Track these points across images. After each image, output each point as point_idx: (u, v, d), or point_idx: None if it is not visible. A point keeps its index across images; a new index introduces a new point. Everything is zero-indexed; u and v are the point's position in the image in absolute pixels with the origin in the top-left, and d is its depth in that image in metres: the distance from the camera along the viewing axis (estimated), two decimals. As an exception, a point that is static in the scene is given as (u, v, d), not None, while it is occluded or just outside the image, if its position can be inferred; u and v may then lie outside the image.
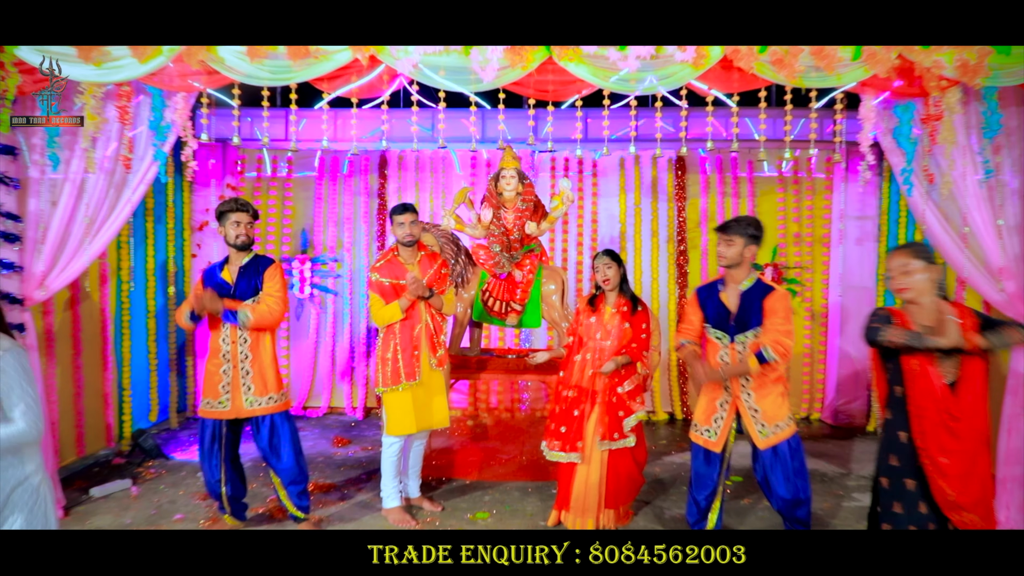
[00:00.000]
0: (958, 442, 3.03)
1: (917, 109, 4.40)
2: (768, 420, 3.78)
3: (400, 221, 4.35)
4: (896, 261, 3.18)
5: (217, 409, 4.08)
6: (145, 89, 4.43)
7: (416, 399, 4.40)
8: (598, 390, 4.28)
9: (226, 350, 4.09)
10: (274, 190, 7.43)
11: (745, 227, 3.76)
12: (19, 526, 2.48)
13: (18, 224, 4.32)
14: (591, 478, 4.28)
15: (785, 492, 3.81)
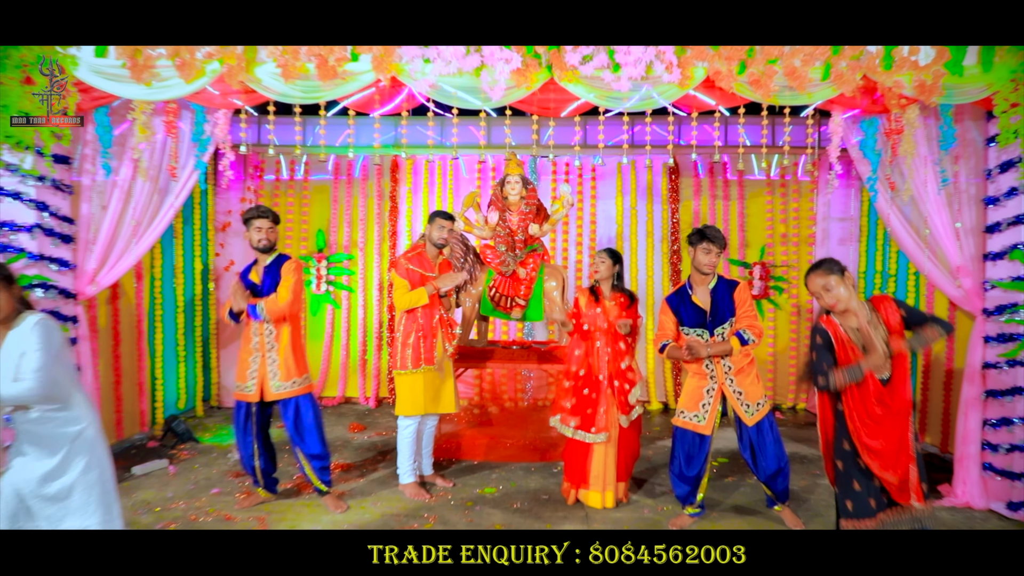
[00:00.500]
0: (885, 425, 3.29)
1: (880, 124, 4.87)
2: (751, 400, 4.27)
3: (441, 224, 4.88)
4: (816, 283, 3.36)
5: (245, 392, 4.56)
6: (189, 106, 4.91)
7: (427, 383, 4.88)
8: (610, 372, 4.74)
9: (256, 341, 4.56)
10: (292, 193, 7.89)
11: (722, 237, 4.22)
12: (82, 467, 2.93)
13: (72, 226, 4.79)
14: (609, 454, 4.75)
15: (772, 462, 4.31)
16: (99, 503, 2.96)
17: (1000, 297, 4.70)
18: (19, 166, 4.43)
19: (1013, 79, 4.39)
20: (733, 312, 4.22)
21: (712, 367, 4.30)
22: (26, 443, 2.87)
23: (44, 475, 2.85)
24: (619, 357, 4.75)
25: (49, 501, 2.86)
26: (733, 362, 4.26)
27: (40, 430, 2.86)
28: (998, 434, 4.71)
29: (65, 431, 2.90)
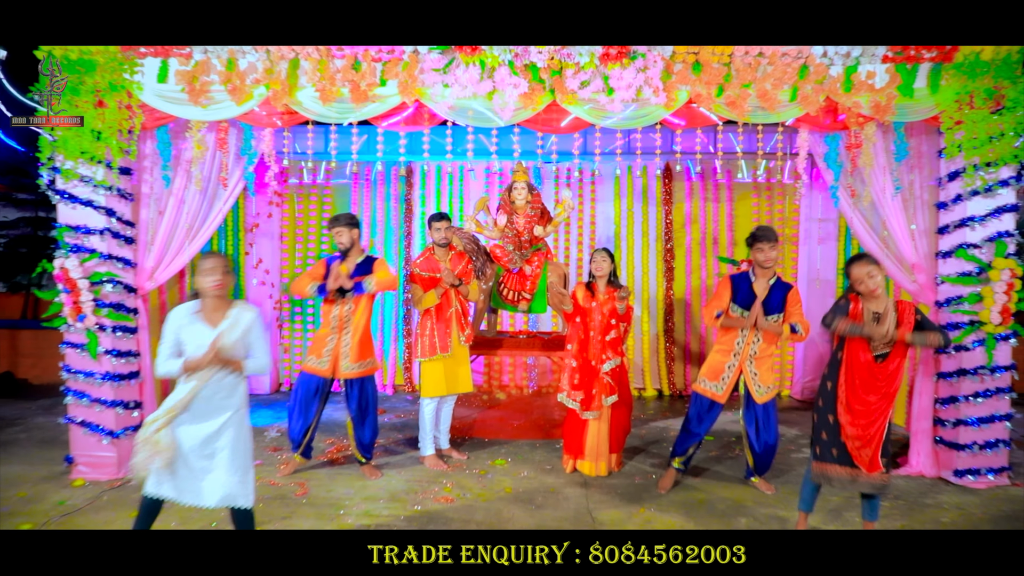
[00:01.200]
0: (871, 394, 3.97)
1: (842, 138, 5.52)
2: (763, 383, 4.96)
3: (437, 227, 5.52)
4: (863, 269, 3.90)
5: (319, 367, 5.23)
6: (238, 124, 5.58)
7: (446, 368, 5.55)
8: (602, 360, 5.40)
9: (335, 322, 5.23)
10: (314, 195, 8.55)
11: (772, 235, 4.83)
12: (233, 436, 3.57)
13: (133, 229, 5.47)
14: (602, 429, 5.42)
15: (772, 436, 5.02)
16: (241, 467, 3.61)
17: (949, 291, 5.35)
18: (93, 177, 5.10)
19: (957, 100, 5.04)
20: (781, 309, 4.85)
21: (741, 347, 4.95)
22: (197, 410, 3.53)
23: (206, 437, 3.53)
24: (613, 348, 5.39)
25: (205, 458, 3.53)
26: (759, 349, 4.92)
27: (210, 403, 3.54)
28: (946, 411, 5.37)
29: (229, 403, 3.59)
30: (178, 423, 3.50)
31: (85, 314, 5.14)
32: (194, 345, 3.50)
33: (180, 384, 3.52)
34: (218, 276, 3.53)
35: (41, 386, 8.70)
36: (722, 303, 4.99)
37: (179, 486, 3.54)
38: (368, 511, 4.70)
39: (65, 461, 5.41)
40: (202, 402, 3.51)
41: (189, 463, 3.52)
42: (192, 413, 3.51)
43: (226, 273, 3.59)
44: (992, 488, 5.21)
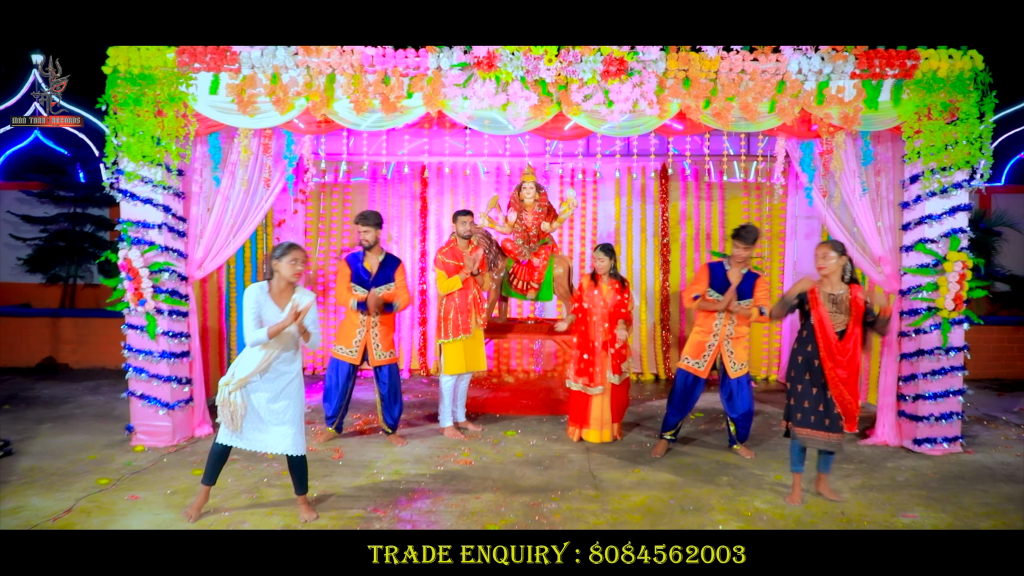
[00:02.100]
0: (840, 370, 4.69)
1: (815, 145, 6.19)
2: (738, 360, 5.68)
3: (463, 220, 6.25)
4: (820, 251, 4.72)
5: (349, 355, 5.93)
6: (281, 132, 6.26)
7: (466, 348, 6.24)
8: (606, 341, 6.08)
9: (363, 316, 5.91)
10: (336, 192, 9.23)
11: (755, 238, 5.57)
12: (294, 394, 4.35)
13: (184, 224, 6.15)
14: (605, 402, 6.12)
15: (745, 404, 5.73)
16: (298, 421, 4.37)
17: (911, 280, 6.02)
18: (152, 178, 5.79)
19: (917, 112, 5.71)
20: (751, 295, 5.58)
21: (719, 328, 5.63)
22: (268, 375, 4.26)
23: (273, 395, 4.28)
24: (615, 333, 6.08)
25: (272, 413, 4.28)
26: (735, 330, 5.63)
27: (279, 368, 4.28)
28: (908, 387, 6.05)
29: (290, 368, 4.34)
30: (252, 385, 4.21)
31: (145, 299, 5.81)
32: (268, 320, 4.20)
33: (252, 353, 4.21)
34: (300, 267, 4.24)
35: (82, 370, 9.38)
36: (700, 288, 5.69)
37: (247, 436, 4.28)
38: (397, 471, 5.39)
39: (126, 430, 6.09)
40: (271, 369, 4.21)
41: (260, 416, 4.23)
42: (263, 377, 4.21)
43: (306, 265, 4.27)
44: (946, 455, 5.89)
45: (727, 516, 4.59)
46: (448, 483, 5.14)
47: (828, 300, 4.67)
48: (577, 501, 4.81)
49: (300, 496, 4.52)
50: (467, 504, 4.73)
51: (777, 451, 5.92)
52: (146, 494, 4.83)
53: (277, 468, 5.38)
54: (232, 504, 4.69)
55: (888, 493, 5.02)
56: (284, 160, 6.34)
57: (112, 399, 7.44)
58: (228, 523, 4.41)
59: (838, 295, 4.67)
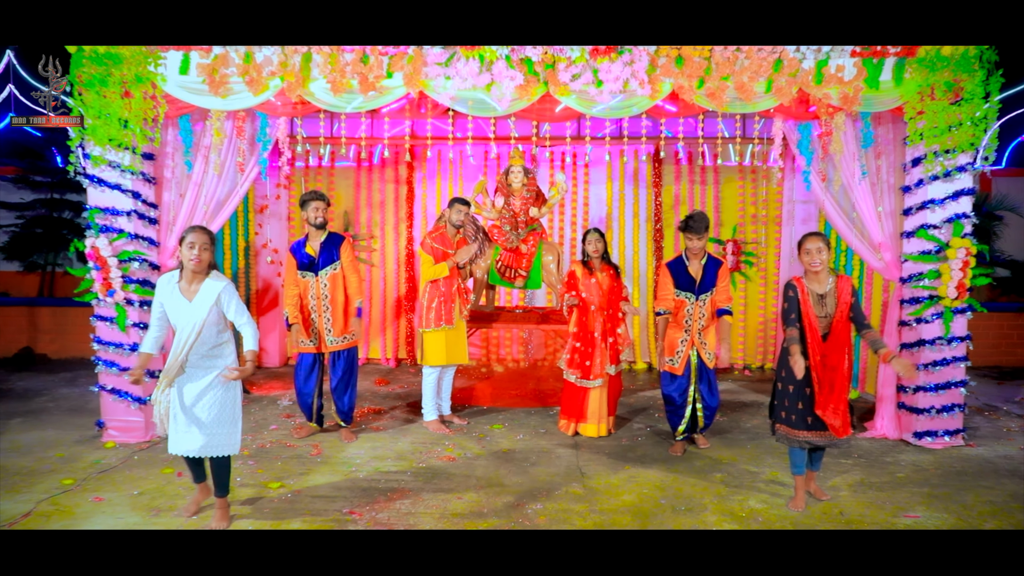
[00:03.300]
0: (830, 373, 4.41)
1: (814, 127, 5.95)
2: (711, 351, 5.42)
3: (459, 209, 5.99)
4: (815, 244, 4.23)
5: (308, 345, 5.68)
6: (255, 113, 5.99)
7: (448, 339, 6.00)
8: (605, 331, 5.86)
9: (313, 303, 5.65)
10: (320, 178, 8.96)
11: (706, 226, 5.27)
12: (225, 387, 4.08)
13: (156, 211, 5.88)
14: (603, 395, 5.91)
15: (717, 394, 5.59)
16: (225, 419, 4.10)
17: (912, 268, 5.80)
18: (120, 163, 5.52)
19: (919, 92, 5.46)
20: (715, 284, 5.35)
21: (690, 324, 5.40)
22: (191, 371, 4.02)
23: (199, 392, 4.01)
24: (613, 322, 5.85)
25: (197, 410, 4.02)
26: (706, 321, 5.40)
27: (203, 362, 4.02)
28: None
29: (216, 363, 4.06)
30: (178, 383, 3.99)
31: (115, 289, 5.56)
32: (174, 315, 3.98)
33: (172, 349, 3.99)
34: (196, 252, 3.91)
35: (60, 360, 9.14)
36: (667, 296, 5.45)
37: (174, 438, 4.04)
38: (377, 468, 5.17)
39: (96, 425, 5.86)
40: (192, 364, 4.00)
41: (186, 415, 4.00)
42: (187, 373, 4.00)
43: (204, 249, 3.95)
44: (947, 448, 5.69)
45: (720, 517, 4.38)
46: (430, 481, 4.92)
47: (817, 302, 4.38)
48: (564, 501, 4.59)
49: (219, 499, 4.25)
50: (448, 505, 4.51)
51: (771, 445, 5.71)
52: (111, 495, 4.60)
53: (252, 465, 5.16)
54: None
55: (888, 491, 4.81)
56: (259, 144, 6.06)
57: (88, 392, 7.12)
58: (196, 523, 4.21)
59: (826, 291, 4.36)
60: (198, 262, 3.95)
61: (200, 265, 3.97)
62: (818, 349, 4.34)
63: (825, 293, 4.36)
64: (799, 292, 4.39)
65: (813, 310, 4.35)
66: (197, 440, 4.03)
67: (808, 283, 4.40)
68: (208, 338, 4.02)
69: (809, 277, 4.41)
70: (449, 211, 6.04)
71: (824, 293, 4.37)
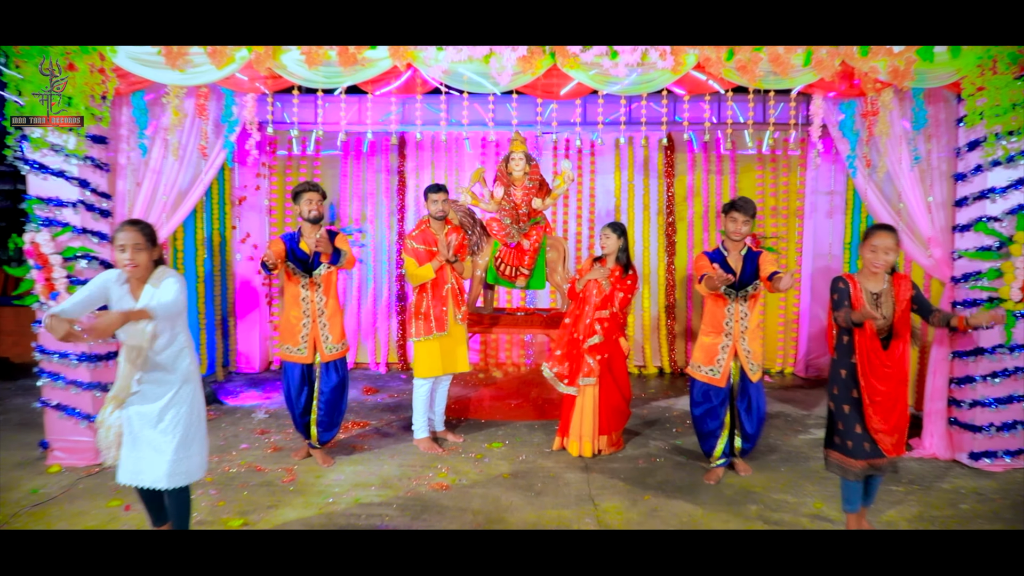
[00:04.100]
0: (885, 384, 3.73)
1: (858, 106, 5.24)
2: (756, 360, 4.71)
3: (434, 199, 5.22)
4: (885, 240, 3.61)
5: (298, 355, 4.95)
6: (219, 90, 5.27)
7: (443, 347, 5.30)
8: (587, 336, 5.18)
9: (306, 306, 4.93)
10: (304, 168, 8.25)
11: (753, 208, 4.57)
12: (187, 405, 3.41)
13: (109, 202, 5.17)
14: (585, 408, 5.22)
15: (762, 412, 4.83)
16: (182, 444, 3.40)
17: (966, 266, 5.11)
18: (64, 146, 4.80)
19: (979, 65, 4.76)
20: (756, 276, 4.60)
21: (731, 326, 4.69)
22: (148, 388, 3.34)
23: (154, 413, 3.34)
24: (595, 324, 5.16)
25: (150, 435, 3.33)
26: (749, 323, 4.67)
27: (154, 376, 3.34)
28: (962, 391, 5.14)
29: (172, 378, 3.38)
30: (129, 403, 3.30)
31: (58, 291, 4.87)
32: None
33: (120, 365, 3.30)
34: (128, 255, 3.23)
35: (23, 364, 8.39)
36: (708, 270, 4.64)
37: (127, 467, 3.37)
38: (358, 498, 4.47)
39: (40, 446, 5.17)
40: (146, 380, 3.32)
41: (139, 442, 3.33)
42: (141, 392, 3.32)
43: (139, 251, 3.26)
44: (1009, 471, 5.00)
45: (762, 562, 3.69)
46: (418, 517, 4.23)
47: (871, 300, 3.72)
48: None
49: None
50: (440, 547, 3.81)
51: (807, 469, 5.04)
52: (43, 536, 3.90)
53: (214, 496, 4.46)
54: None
55: (954, 526, 4.13)
56: (224, 125, 5.35)
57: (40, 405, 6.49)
58: None
59: (881, 290, 3.72)
60: (133, 267, 3.27)
61: (138, 271, 3.29)
62: (875, 356, 3.68)
63: (880, 292, 3.72)
64: (851, 287, 3.74)
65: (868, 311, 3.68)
66: (157, 468, 3.35)
67: (861, 280, 3.75)
68: (162, 347, 3.34)
69: (863, 274, 3.76)
70: (427, 203, 5.32)
71: (879, 292, 3.72)
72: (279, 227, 8.18)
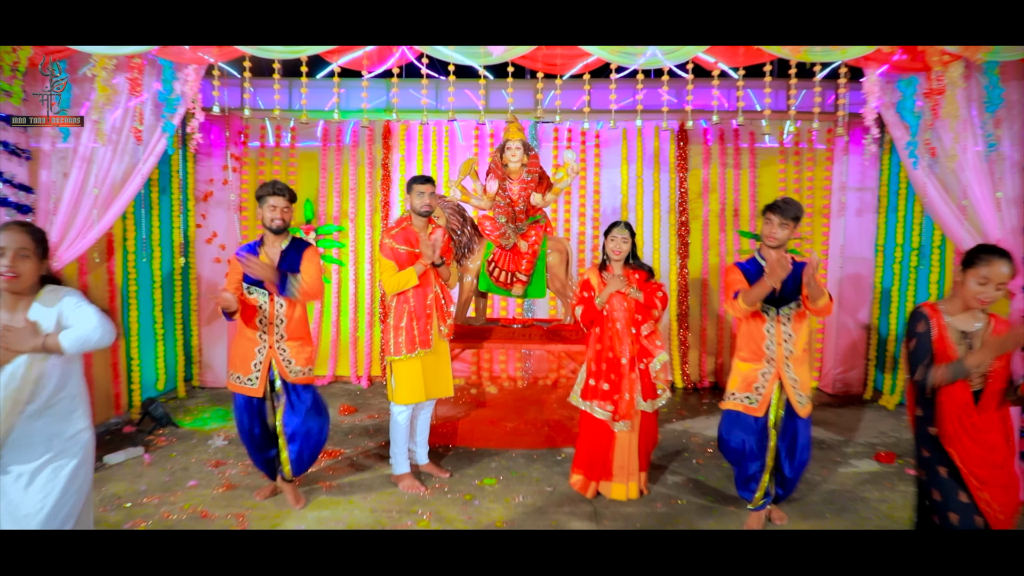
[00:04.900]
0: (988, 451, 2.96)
1: (920, 83, 4.45)
2: (804, 390, 3.90)
3: (420, 191, 4.41)
4: (1000, 270, 2.87)
5: (248, 386, 4.12)
6: (156, 62, 4.45)
7: (426, 368, 4.50)
8: (634, 356, 4.37)
9: (263, 329, 4.10)
10: (278, 160, 7.44)
11: (798, 211, 3.77)
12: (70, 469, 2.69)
13: (30, 195, 4.37)
14: (632, 443, 4.42)
15: (806, 455, 4.01)
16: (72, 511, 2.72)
17: (1044, 274, 4.32)
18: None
19: (1070, 33, 3.96)
20: (798, 291, 3.80)
21: (774, 350, 3.89)
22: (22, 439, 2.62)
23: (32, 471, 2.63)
24: (640, 337, 4.39)
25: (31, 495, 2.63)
26: (794, 346, 3.86)
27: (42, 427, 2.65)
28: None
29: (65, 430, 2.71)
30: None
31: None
32: None
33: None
34: (7, 261, 2.55)
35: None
36: (740, 285, 3.86)
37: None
38: (319, 558, 3.66)
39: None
40: (23, 431, 2.59)
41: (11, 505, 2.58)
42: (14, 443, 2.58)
43: (22, 258, 2.57)
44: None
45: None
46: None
47: (959, 341, 2.96)
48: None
49: None
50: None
51: (859, 515, 4.25)
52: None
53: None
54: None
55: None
56: (163, 105, 4.53)
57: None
58: None
59: (973, 331, 2.95)
60: (11, 277, 2.55)
61: (17, 283, 2.56)
62: (964, 413, 2.91)
63: (971, 333, 2.94)
64: (933, 326, 2.96)
65: (952, 350, 2.90)
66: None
67: (947, 312, 2.97)
68: (46, 391, 2.61)
69: (952, 304, 2.99)
70: (409, 196, 4.49)
71: (970, 332, 2.94)
72: (250, 225, 7.35)
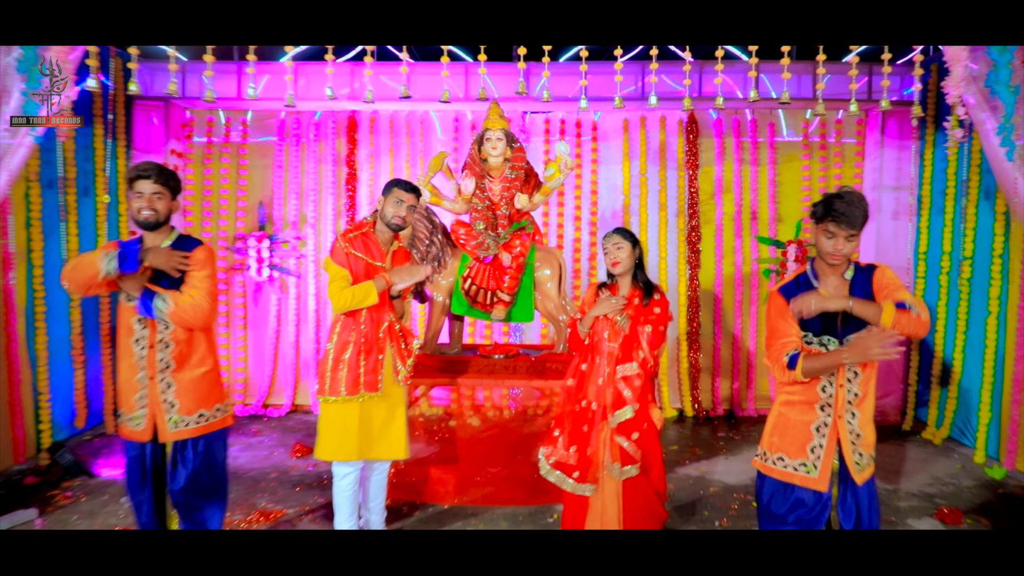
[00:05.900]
0: None
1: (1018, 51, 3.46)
2: (866, 447, 2.87)
3: (399, 198, 3.47)
4: None
5: (135, 428, 3.15)
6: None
7: (368, 418, 3.50)
8: (607, 404, 3.44)
9: (141, 354, 3.13)
10: (227, 157, 6.48)
11: (865, 211, 2.74)
12: None
13: None
14: (607, 512, 3.46)
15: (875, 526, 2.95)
16: None
17: None
18: None
19: None
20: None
21: (831, 393, 2.86)
22: None
23: None
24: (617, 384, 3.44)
25: None
26: (860, 387, 2.83)
27: None
28: None
29: None
30: None
31: None
32: None
33: None
34: None
35: None
36: (793, 341, 2.83)
37: None
38: None
39: None
40: None
41: None
42: None
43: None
44: None
45: None
46: None
47: None
48: None
49: None
50: None
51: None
52: None
53: None
54: None
55: None
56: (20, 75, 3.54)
57: None
58: None
59: None
60: None
61: None
62: None
63: None
64: None
65: None
66: None
67: None
68: None
69: None
70: (384, 200, 3.52)
71: None
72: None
